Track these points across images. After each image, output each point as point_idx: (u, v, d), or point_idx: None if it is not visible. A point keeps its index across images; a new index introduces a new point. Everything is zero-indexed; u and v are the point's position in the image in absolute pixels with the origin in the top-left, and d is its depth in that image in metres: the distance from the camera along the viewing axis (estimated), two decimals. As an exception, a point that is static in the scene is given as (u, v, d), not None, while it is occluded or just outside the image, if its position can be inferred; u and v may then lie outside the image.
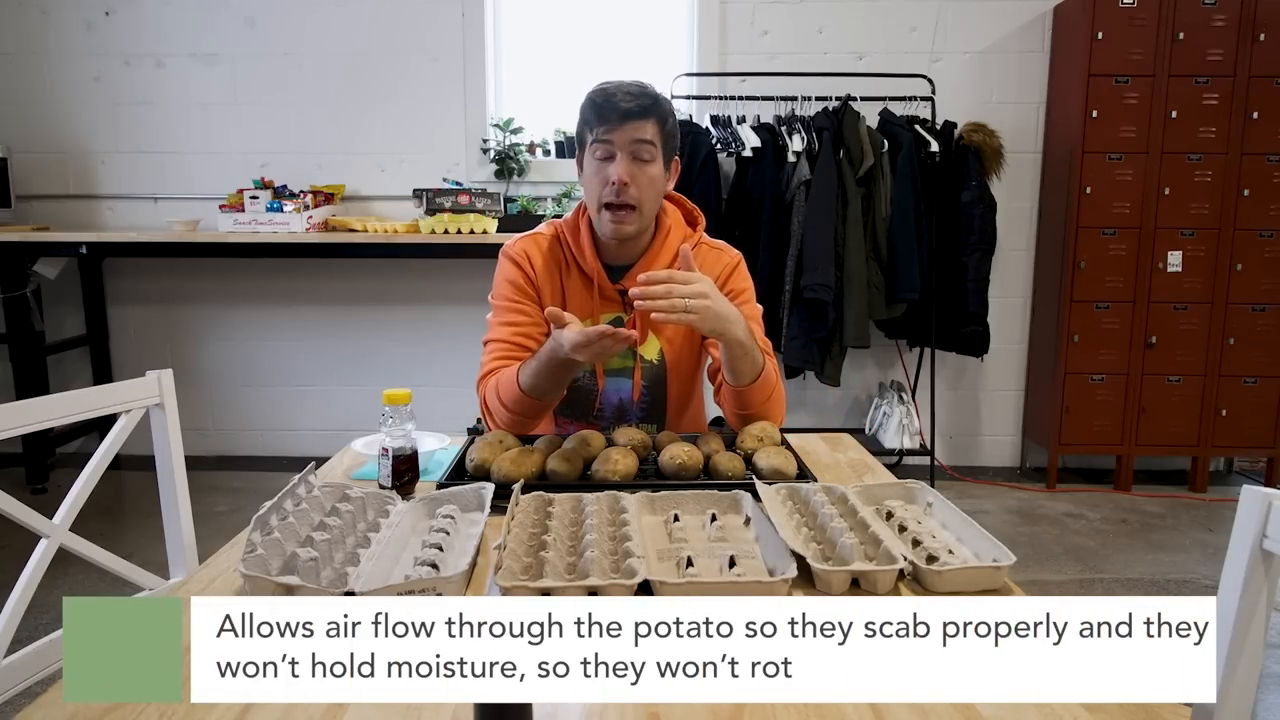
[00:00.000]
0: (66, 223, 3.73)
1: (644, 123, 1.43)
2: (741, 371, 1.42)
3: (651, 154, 1.45)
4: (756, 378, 1.44)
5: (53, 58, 3.68)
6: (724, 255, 1.63)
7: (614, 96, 1.42)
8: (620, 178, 1.43)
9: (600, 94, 1.44)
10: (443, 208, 3.46)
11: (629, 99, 1.42)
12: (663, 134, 1.46)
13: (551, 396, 1.46)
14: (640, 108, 1.42)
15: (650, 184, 1.47)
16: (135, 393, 1.31)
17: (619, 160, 1.43)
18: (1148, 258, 3.46)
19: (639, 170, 1.44)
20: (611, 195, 1.44)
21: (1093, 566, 2.88)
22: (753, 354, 1.41)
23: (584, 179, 1.52)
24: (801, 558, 0.93)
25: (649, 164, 1.46)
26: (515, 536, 0.97)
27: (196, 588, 0.95)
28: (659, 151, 1.47)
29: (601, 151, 1.45)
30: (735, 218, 3.35)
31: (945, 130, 3.45)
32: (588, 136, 1.47)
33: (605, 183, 1.44)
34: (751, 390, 1.45)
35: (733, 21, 3.64)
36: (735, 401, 1.49)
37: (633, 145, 1.43)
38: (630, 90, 1.43)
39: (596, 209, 1.48)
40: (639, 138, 1.43)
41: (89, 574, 2.59)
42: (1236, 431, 3.55)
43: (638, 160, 1.44)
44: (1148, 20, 3.32)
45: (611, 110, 1.42)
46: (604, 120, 1.43)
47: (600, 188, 1.46)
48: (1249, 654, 0.82)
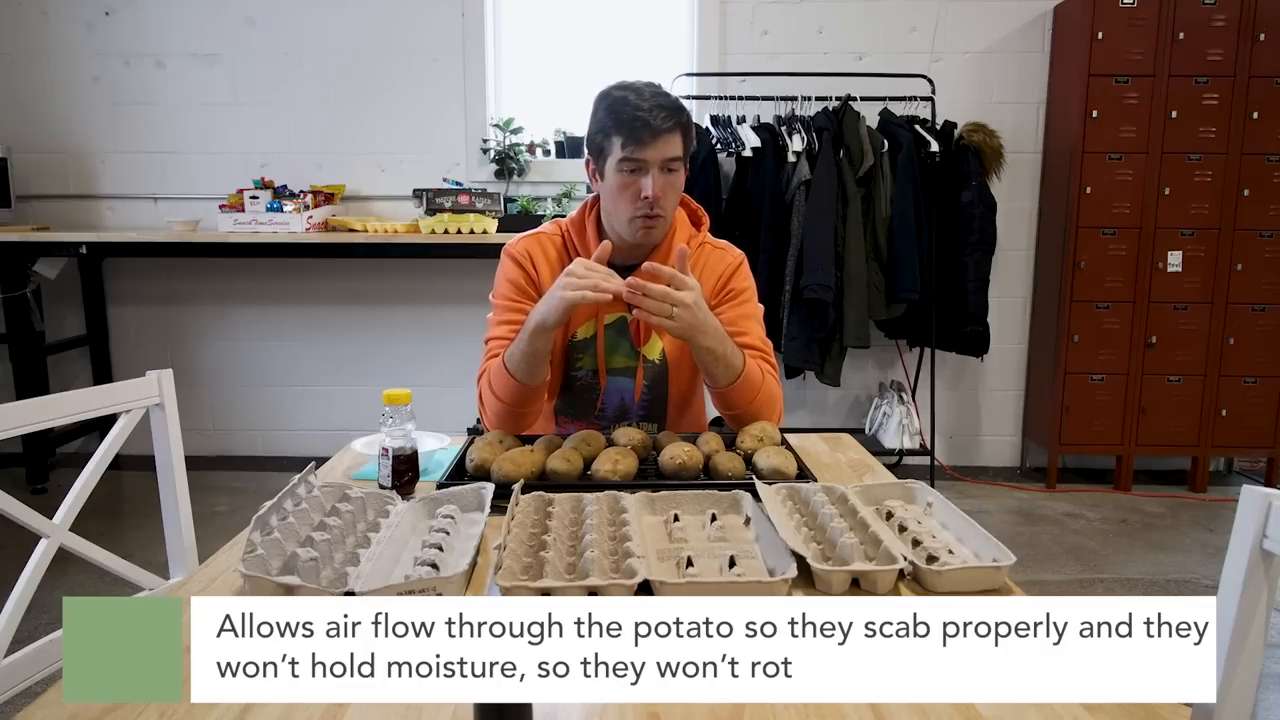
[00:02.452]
0: (66, 223, 3.73)
1: (673, 138, 1.45)
2: (715, 375, 1.45)
3: (678, 165, 1.48)
4: (734, 381, 1.44)
5: (53, 58, 3.68)
6: (727, 255, 1.63)
7: (643, 113, 1.41)
8: (656, 195, 1.44)
9: (627, 108, 1.42)
10: (443, 208, 3.46)
11: (660, 117, 1.42)
12: (686, 144, 1.49)
13: (535, 378, 1.44)
14: (671, 122, 1.43)
15: (676, 192, 1.51)
16: (135, 393, 1.31)
17: (652, 177, 1.44)
18: (1148, 258, 3.46)
19: (668, 182, 1.47)
20: (646, 209, 1.46)
21: (1093, 566, 2.88)
22: (726, 360, 1.42)
23: (605, 188, 1.50)
24: (801, 558, 0.93)
25: (676, 174, 1.48)
26: (515, 536, 0.97)
27: (196, 588, 0.95)
28: (684, 161, 1.49)
29: (632, 167, 1.45)
30: (735, 218, 3.35)
31: (945, 130, 3.45)
32: (610, 148, 1.46)
33: (637, 196, 1.45)
34: (730, 392, 1.46)
35: (733, 21, 3.64)
36: (718, 401, 1.51)
37: (665, 161, 1.45)
38: (660, 104, 1.43)
39: (625, 219, 1.49)
40: (671, 155, 1.45)
41: (89, 574, 2.59)
42: (1236, 431, 3.55)
43: (667, 172, 1.46)
44: (1148, 20, 3.32)
45: (645, 130, 1.41)
46: (636, 140, 1.42)
47: (630, 201, 1.46)
48: (1249, 654, 0.81)
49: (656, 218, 1.48)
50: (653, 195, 1.44)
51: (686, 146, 1.48)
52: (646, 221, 1.48)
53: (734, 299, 1.59)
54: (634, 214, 1.47)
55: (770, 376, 1.51)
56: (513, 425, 1.47)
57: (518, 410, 1.47)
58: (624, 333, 1.58)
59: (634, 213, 1.47)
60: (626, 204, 1.47)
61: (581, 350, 1.59)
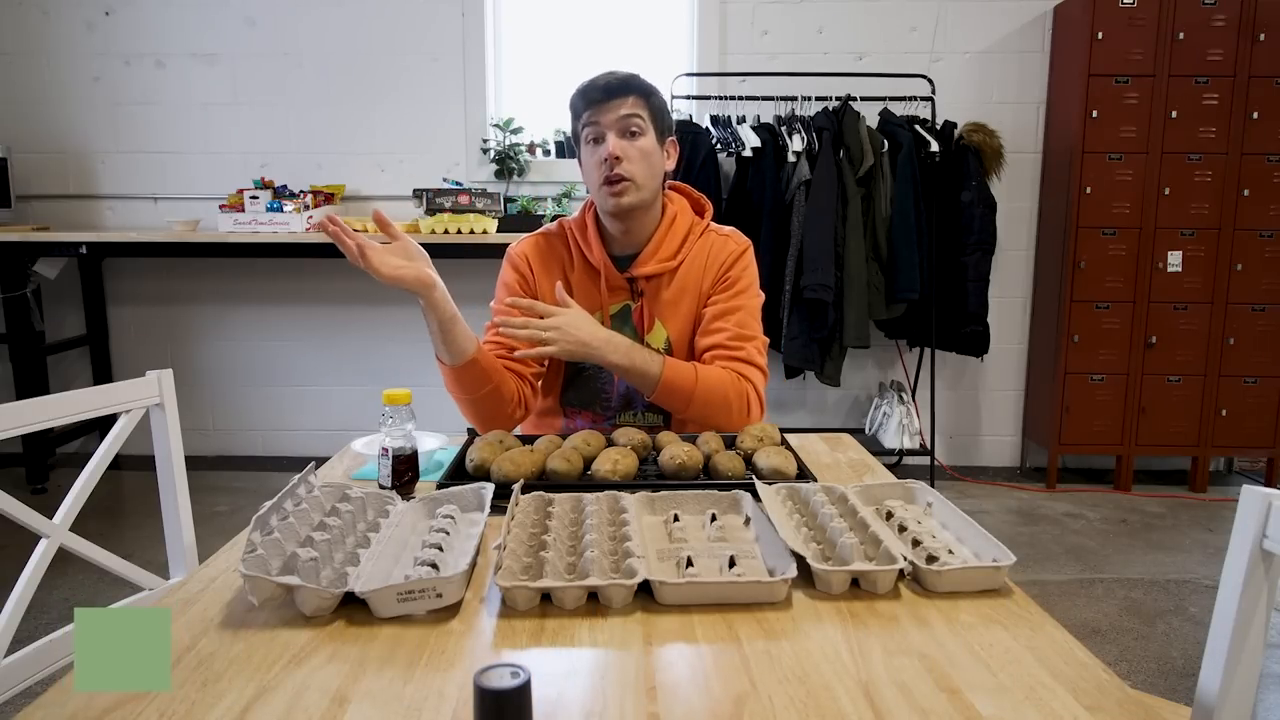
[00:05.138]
0: (66, 223, 3.73)
1: (626, 98, 1.48)
2: (636, 387, 1.49)
3: (640, 126, 1.48)
4: (653, 389, 1.47)
5: (53, 58, 3.68)
6: (729, 242, 1.63)
7: (595, 80, 1.49)
8: (612, 152, 1.46)
9: (587, 84, 1.50)
10: (443, 208, 3.46)
11: (613, 81, 1.48)
12: (649, 108, 1.50)
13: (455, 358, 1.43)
14: (620, 82, 1.48)
15: (643, 156, 1.49)
16: (135, 393, 1.31)
17: (610, 138, 1.47)
18: (1148, 258, 3.46)
19: (629, 144, 1.48)
20: (606, 170, 1.47)
21: (1093, 566, 2.88)
22: (638, 371, 1.45)
23: (584, 170, 1.55)
24: (801, 558, 0.93)
25: (639, 136, 1.49)
26: (515, 536, 0.97)
27: (196, 587, 0.95)
28: (647, 124, 1.50)
29: (592, 134, 1.49)
30: (735, 218, 3.34)
31: (945, 130, 3.45)
32: (578, 127, 1.52)
33: (600, 162, 1.48)
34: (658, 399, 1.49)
35: (733, 21, 3.64)
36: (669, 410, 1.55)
37: (620, 121, 1.47)
38: (616, 75, 1.49)
39: (597, 188, 1.51)
40: (625, 113, 1.47)
41: (89, 574, 2.59)
42: (1236, 431, 3.55)
43: (627, 134, 1.48)
44: (1148, 20, 3.32)
45: (594, 91, 1.47)
46: (590, 103, 1.48)
47: (597, 168, 1.49)
48: (1249, 654, 0.82)
49: (621, 181, 1.47)
50: (610, 154, 1.46)
51: (650, 110, 1.50)
52: (611, 187, 1.48)
53: (727, 287, 1.59)
54: (599, 179, 1.49)
55: (726, 374, 1.50)
56: (479, 419, 1.49)
57: (469, 398, 1.48)
58: (627, 321, 1.60)
59: (599, 178, 1.49)
60: (593, 173, 1.50)
61: None
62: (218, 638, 0.83)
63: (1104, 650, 2.33)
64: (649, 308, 1.58)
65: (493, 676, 0.53)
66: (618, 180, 1.47)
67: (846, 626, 0.85)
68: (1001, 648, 0.80)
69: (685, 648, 0.81)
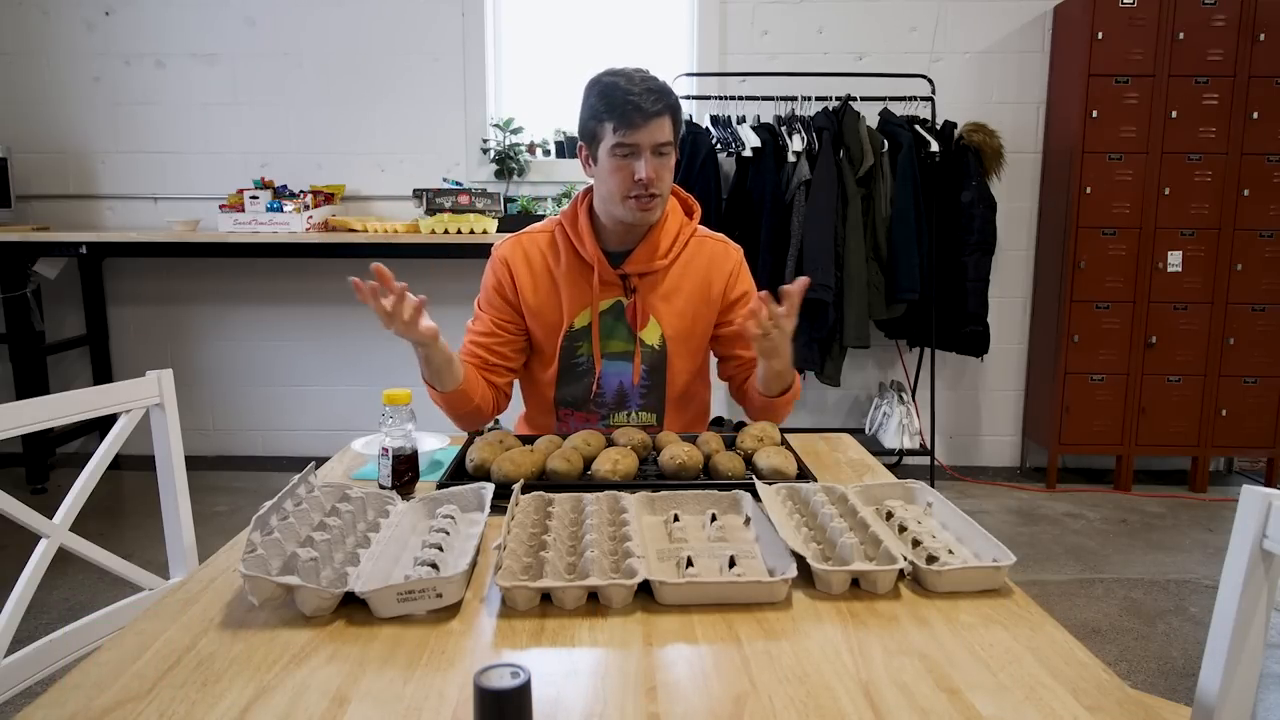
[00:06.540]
0: (66, 223, 3.73)
1: (664, 120, 1.47)
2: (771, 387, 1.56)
3: (670, 149, 1.51)
4: (784, 392, 1.56)
5: (53, 58, 3.68)
6: (730, 251, 1.67)
7: (635, 97, 1.44)
8: (649, 176, 1.48)
9: (618, 93, 1.45)
10: (443, 208, 3.46)
11: (650, 100, 1.45)
12: (676, 126, 1.52)
13: (443, 384, 1.50)
14: (658, 101, 1.46)
15: (670, 173, 1.54)
16: (135, 393, 1.31)
17: (645, 159, 1.47)
18: (1148, 258, 3.46)
19: (661, 164, 1.50)
20: (642, 190, 1.49)
21: (1093, 566, 2.88)
22: (783, 378, 1.54)
23: (598, 171, 1.54)
24: (801, 558, 0.93)
25: (668, 157, 1.51)
26: (515, 536, 0.97)
27: (196, 587, 0.95)
28: (675, 143, 1.52)
29: (624, 151, 1.48)
30: (735, 218, 3.35)
31: (945, 130, 3.45)
32: (603, 134, 1.49)
33: (630, 179, 1.49)
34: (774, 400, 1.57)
35: (733, 21, 3.64)
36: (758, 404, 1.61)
37: (657, 144, 1.48)
38: (650, 88, 1.46)
39: (620, 199, 1.51)
40: (662, 139, 1.48)
41: (89, 574, 2.59)
42: (1236, 431, 3.55)
43: (659, 155, 1.49)
44: (1148, 20, 3.32)
45: (636, 113, 1.44)
46: (628, 123, 1.45)
47: (624, 183, 1.50)
48: (1249, 654, 0.82)
49: (654, 197, 1.52)
50: (647, 177, 1.47)
51: (676, 130, 1.51)
52: (643, 202, 1.51)
53: (745, 302, 1.62)
54: (629, 194, 1.50)
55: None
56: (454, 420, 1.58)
57: (451, 413, 1.57)
58: (620, 317, 1.61)
59: (628, 193, 1.50)
60: (621, 186, 1.50)
61: (581, 338, 1.62)
62: (218, 638, 0.83)
63: (1104, 650, 2.33)
64: (643, 304, 1.59)
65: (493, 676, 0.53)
66: (650, 198, 1.50)
67: (846, 626, 0.85)
68: (1001, 648, 0.80)
69: (685, 648, 0.81)
